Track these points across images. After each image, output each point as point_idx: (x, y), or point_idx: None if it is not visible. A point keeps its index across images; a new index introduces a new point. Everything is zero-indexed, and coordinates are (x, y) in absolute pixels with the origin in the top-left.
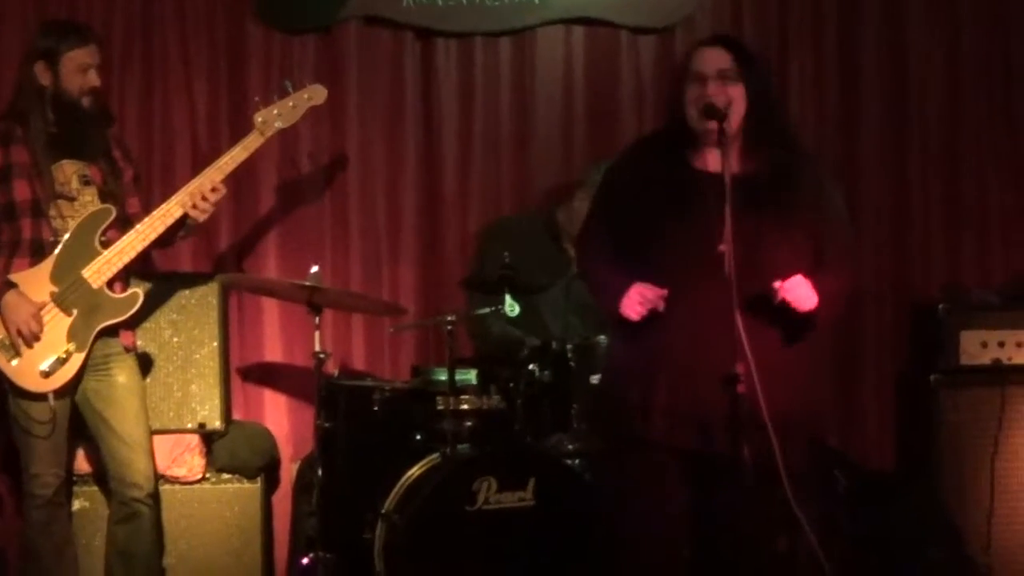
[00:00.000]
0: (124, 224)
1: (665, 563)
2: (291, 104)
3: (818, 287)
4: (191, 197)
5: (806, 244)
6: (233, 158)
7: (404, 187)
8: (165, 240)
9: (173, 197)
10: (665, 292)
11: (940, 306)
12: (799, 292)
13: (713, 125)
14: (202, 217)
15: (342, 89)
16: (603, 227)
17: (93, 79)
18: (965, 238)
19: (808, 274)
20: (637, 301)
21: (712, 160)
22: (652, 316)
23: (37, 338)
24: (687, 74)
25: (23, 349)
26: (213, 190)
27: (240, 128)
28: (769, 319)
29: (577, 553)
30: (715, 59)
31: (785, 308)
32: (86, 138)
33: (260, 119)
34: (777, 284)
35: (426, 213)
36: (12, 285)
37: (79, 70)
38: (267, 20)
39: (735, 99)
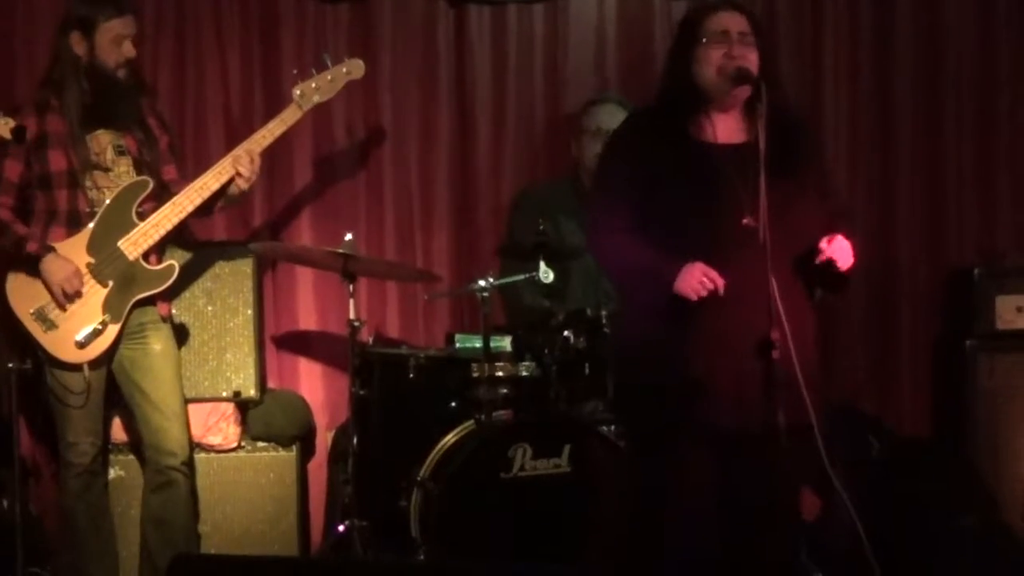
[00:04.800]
0: (161, 192)
1: (699, 537)
2: (329, 78)
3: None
4: (231, 167)
5: (819, 205)
6: (271, 131)
7: (437, 154)
8: (203, 211)
9: (210, 170)
10: (723, 283)
11: (975, 271)
12: (842, 251)
13: (744, 90)
14: (245, 186)
15: (375, 57)
16: (618, 205)
17: (129, 50)
18: (1000, 203)
19: (834, 232)
20: (698, 280)
21: (721, 128)
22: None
23: (79, 295)
24: (700, 35)
25: (59, 319)
26: (251, 160)
27: (274, 98)
28: (794, 285)
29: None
30: (735, 22)
31: (820, 269)
32: (121, 108)
33: (298, 92)
34: (823, 244)
35: (459, 180)
36: (51, 248)
37: (115, 42)
38: None
39: (753, 64)
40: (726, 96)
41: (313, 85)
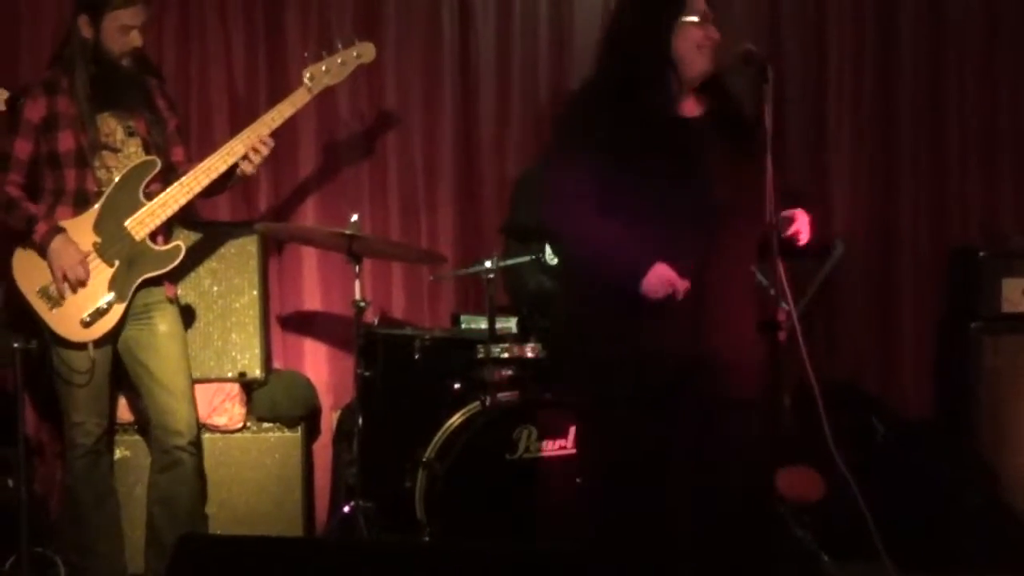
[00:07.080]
0: (168, 173)
1: (651, 507)
2: (340, 61)
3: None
4: (240, 148)
5: (769, 177)
6: (280, 113)
7: (442, 135)
8: (212, 191)
9: (219, 151)
10: (688, 286)
11: (980, 253)
12: (806, 226)
13: (711, 68)
14: (251, 169)
15: (380, 36)
16: (584, 185)
17: (135, 40)
18: (1004, 182)
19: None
20: (661, 285)
21: (685, 103)
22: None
23: (83, 284)
24: (679, 12)
25: (66, 297)
26: (263, 143)
27: (278, 79)
28: (747, 259)
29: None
30: (705, 5)
31: (785, 242)
32: (129, 90)
33: (308, 75)
34: (789, 213)
35: (464, 161)
36: (61, 230)
37: (121, 31)
38: None
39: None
40: (700, 73)
41: (323, 68)
